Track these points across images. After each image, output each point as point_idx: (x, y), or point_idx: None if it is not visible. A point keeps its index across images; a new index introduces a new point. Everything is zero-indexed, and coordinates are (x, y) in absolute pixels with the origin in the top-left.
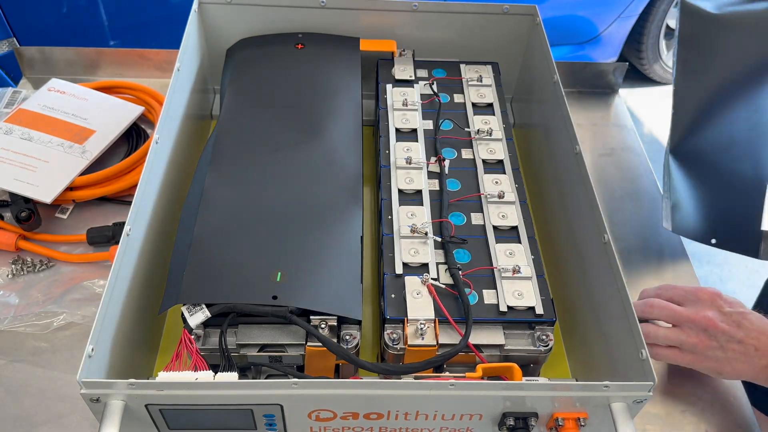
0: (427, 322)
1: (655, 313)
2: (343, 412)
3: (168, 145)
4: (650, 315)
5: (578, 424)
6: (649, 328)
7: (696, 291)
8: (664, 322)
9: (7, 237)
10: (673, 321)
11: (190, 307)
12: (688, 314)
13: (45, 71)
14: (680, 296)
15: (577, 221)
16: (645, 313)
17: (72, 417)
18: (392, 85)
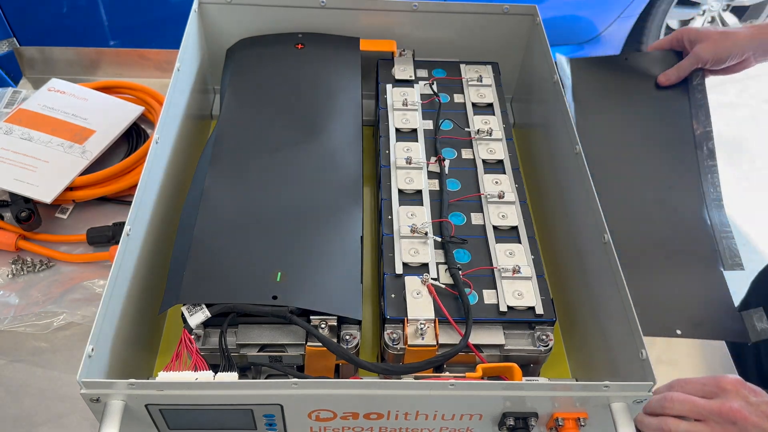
0: (427, 322)
1: (677, 407)
2: (343, 412)
3: (168, 145)
4: (671, 410)
5: (578, 424)
6: (669, 423)
7: (717, 381)
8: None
9: (7, 237)
10: (696, 415)
11: (190, 307)
12: (714, 407)
13: (45, 71)
14: (700, 388)
15: (577, 221)
16: (665, 409)
17: (72, 417)
18: (392, 85)
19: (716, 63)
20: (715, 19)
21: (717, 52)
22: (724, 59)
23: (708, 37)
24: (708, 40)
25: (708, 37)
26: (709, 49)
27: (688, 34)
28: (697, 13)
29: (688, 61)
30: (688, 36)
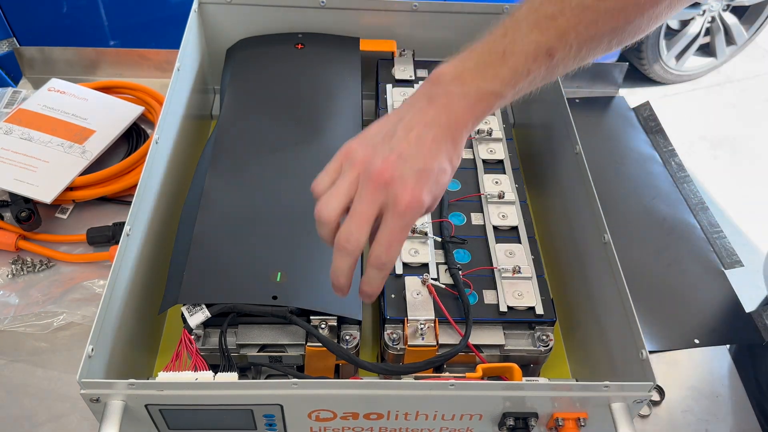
0: (427, 322)
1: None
2: (343, 412)
3: (168, 145)
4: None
5: (578, 425)
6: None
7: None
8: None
9: (7, 237)
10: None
11: (190, 308)
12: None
13: (45, 71)
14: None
15: (577, 221)
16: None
17: (72, 417)
18: (392, 85)
19: None
20: (715, 19)
21: None
22: None
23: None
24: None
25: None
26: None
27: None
28: (697, 14)
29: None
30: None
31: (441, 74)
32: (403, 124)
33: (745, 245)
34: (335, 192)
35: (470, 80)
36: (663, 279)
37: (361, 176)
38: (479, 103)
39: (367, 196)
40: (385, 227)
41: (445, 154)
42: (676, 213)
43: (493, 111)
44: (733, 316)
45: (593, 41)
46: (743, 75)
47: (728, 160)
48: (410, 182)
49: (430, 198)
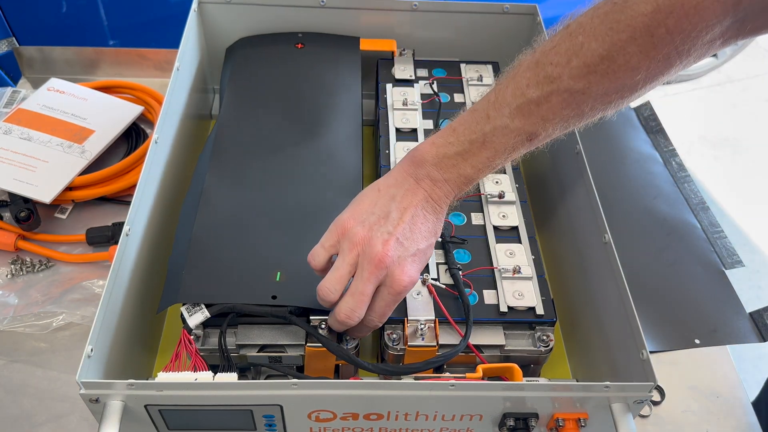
0: (427, 323)
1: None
2: (342, 412)
3: (167, 145)
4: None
5: (578, 425)
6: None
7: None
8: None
9: (7, 237)
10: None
11: (190, 308)
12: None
13: (44, 71)
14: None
15: (578, 221)
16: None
17: (71, 417)
18: (392, 85)
19: None
20: None
21: None
22: None
23: None
24: None
25: None
26: None
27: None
28: None
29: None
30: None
31: (423, 156)
32: (396, 204)
33: (745, 245)
34: (338, 276)
35: (450, 167)
36: (663, 279)
37: (361, 257)
38: (459, 185)
39: (368, 277)
40: (380, 300)
41: (433, 232)
42: (677, 213)
43: (468, 191)
44: (734, 316)
45: (579, 119)
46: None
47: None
48: (406, 264)
49: (420, 271)
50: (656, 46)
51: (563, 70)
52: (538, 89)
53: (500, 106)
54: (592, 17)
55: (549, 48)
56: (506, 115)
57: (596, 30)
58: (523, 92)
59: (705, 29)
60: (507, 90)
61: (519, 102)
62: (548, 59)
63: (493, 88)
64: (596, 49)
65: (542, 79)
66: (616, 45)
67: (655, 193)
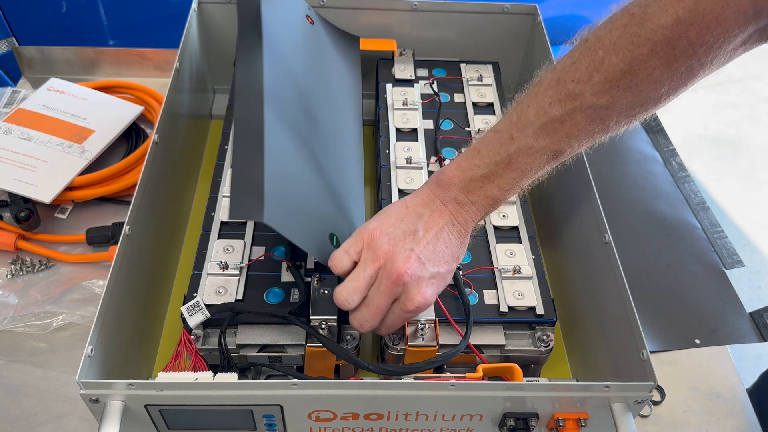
0: (428, 323)
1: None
2: (343, 412)
3: (167, 145)
4: (345, 303)
5: (579, 425)
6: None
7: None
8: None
9: (7, 237)
10: (360, 289)
11: (190, 308)
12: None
13: (44, 71)
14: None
15: (578, 221)
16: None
17: (71, 417)
18: (392, 85)
19: None
20: None
21: None
22: None
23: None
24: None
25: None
26: None
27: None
28: None
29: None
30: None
31: (450, 180)
32: (422, 223)
33: (746, 245)
34: (356, 287)
35: (477, 189)
36: (664, 279)
37: (382, 270)
38: (486, 207)
39: (384, 291)
40: (392, 315)
41: (454, 257)
42: (677, 213)
43: (497, 208)
44: (734, 316)
45: (604, 133)
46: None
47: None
48: (423, 285)
49: (436, 295)
50: (678, 58)
51: (585, 86)
52: (560, 107)
53: (524, 126)
54: (611, 30)
55: (569, 64)
56: (530, 135)
57: (616, 44)
58: (546, 111)
59: (727, 39)
60: (529, 109)
61: (542, 121)
62: (569, 76)
63: (514, 107)
64: (617, 64)
65: (564, 96)
66: (637, 59)
67: (655, 193)
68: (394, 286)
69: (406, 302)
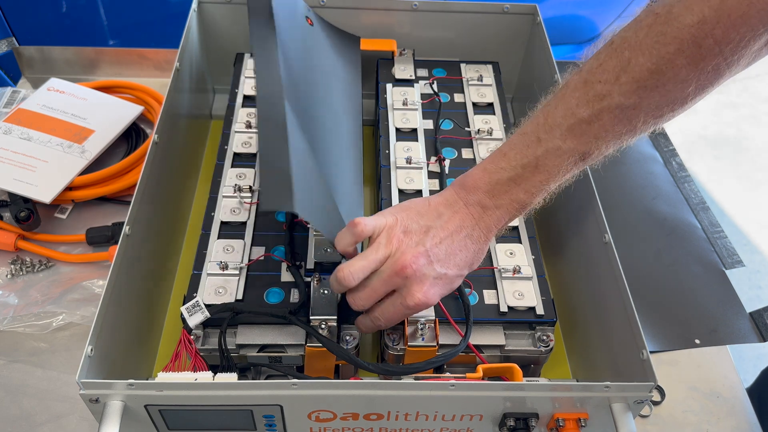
0: (428, 323)
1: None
2: (343, 412)
3: (167, 145)
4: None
5: (579, 425)
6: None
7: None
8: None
9: (7, 237)
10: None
11: (190, 308)
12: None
13: (44, 71)
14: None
15: (578, 221)
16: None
17: (71, 417)
18: (392, 85)
19: None
20: None
21: None
22: None
23: None
24: None
25: None
26: None
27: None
28: None
29: None
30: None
31: (476, 183)
32: (441, 222)
33: (745, 245)
34: (362, 267)
35: (503, 193)
36: (664, 279)
37: (390, 258)
38: (512, 211)
39: (386, 278)
40: (391, 306)
41: (468, 263)
42: (677, 213)
43: (524, 213)
44: (734, 316)
45: (632, 134)
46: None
47: (729, 159)
48: (427, 283)
49: (439, 297)
50: (705, 57)
51: (612, 87)
52: (588, 108)
53: (551, 128)
54: (636, 31)
55: (596, 66)
56: (558, 137)
57: (642, 44)
58: (573, 112)
59: (753, 38)
60: (557, 111)
61: (570, 122)
62: (596, 77)
63: (540, 109)
64: (644, 64)
65: (592, 97)
66: (664, 58)
67: (655, 193)
68: (396, 276)
69: (406, 296)
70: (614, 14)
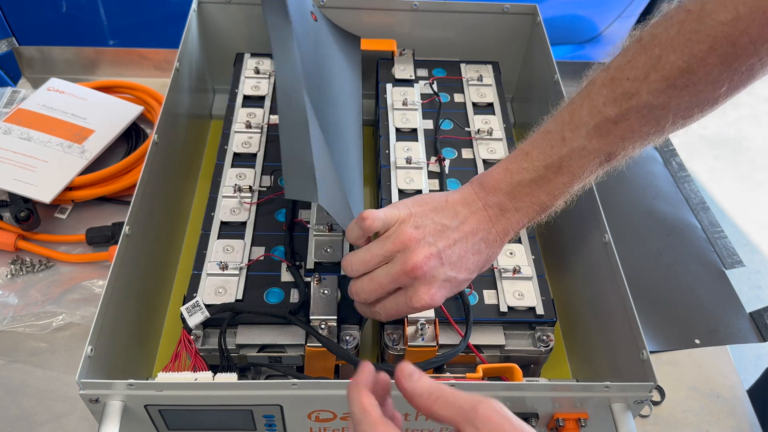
0: (427, 323)
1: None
2: (342, 412)
3: (167, 145)
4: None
5: (579, 425)
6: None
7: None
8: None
9: (7, 237)
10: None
11: (190, 308)
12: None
13: (44, 71)
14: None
15: (578, 221)
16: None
17: (71, 417)
18: (392, 85)
19: None
20: None
21: None
22: None
23: None
24: None
25: None
26: None
27: None
28: None
29: None
30: None
31: (497, 184)
32: (457, 222)
33: (745, 245)
34: (368, 260)
35: (524, 195)
36: (664, 279)
37: (399, 254)
38: (532, 215)
39: (394, 275)
40: (394, 303)
41: (478, 267)
42: (677, 213)
43: (543, 217)
44: (734, 316)
45: (659, 135)
46: None
47: (729, 159)
48: (435, 285)
49: (444, 299)
50: (739, 56)
51: (641, 85)
52: (615, 107)
53: (576, 127)
54: (667, 28)
55: (624, 63)
56: (583, 136)
57: (673, 41)
58: (600, 110)
59: None
60: (582, 109)
61: (596, 121)
62: (624, 74)
63: (565, 108)
64: (675, 62)
65: (619, 95)
66: (696, 57)
67: (655, 193)
68: (404, 275)
69: (412, 297)
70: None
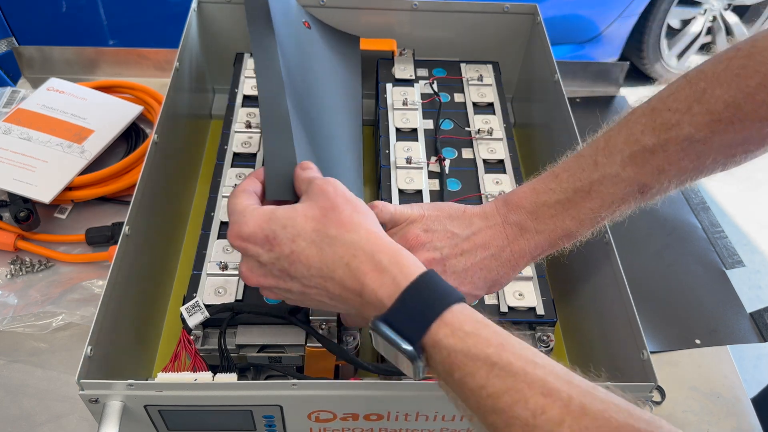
0: None
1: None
2: (343, 413)
3: (167, 145)
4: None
5: None
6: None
7: None
8: None
9: (6, 237)
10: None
11: (190, 308)
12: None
13: (44, 71)
14: None
15: None
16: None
17: (71, 417)
18: (392, 85)
19: None
20: (717, 18)
21: None
22: None
23: None
24: None
25: None
26: None
27: None
28: (699, 13)
29: None
30: None
31: (520, 202)
32: (470, 232)
33: (746, 245)
34: None
35: (548, 218)
36: (664, 279)
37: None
38: (553, 240)
39: None
40: None
41: (485, 286)
42: (678, 213)
43: (563, 247)
44: (734, 316)
45: (697, 173)
46: None
47: None
48: None
49: None
50: None
51: (683, 116)
52: (653, 136)
53: (611, 153)
54: (715, 64)
55: (666, 95)
56: (617, 163)
57: (720, 76)
58: (637, 139)
59: None
60: (619, 136)
61: (632, 149)
62: (666, 105)
63: (601, 134)
64: (720, 96)
65: (659, 125)
66: (743, 91)
67: None
68: None
69: None
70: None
